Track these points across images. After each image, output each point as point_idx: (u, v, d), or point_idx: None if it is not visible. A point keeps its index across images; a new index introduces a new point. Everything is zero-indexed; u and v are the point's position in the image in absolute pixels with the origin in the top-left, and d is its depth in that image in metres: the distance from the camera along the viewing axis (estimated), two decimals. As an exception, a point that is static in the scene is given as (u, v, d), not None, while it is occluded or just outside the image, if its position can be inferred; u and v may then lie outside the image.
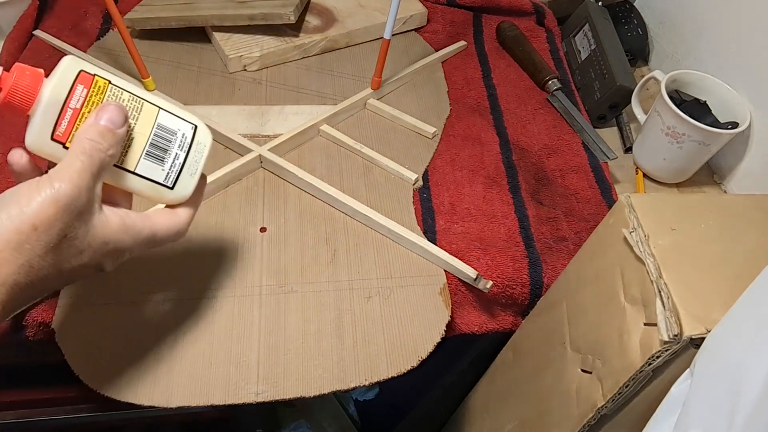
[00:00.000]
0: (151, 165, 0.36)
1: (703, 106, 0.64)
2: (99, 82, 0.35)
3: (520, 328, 0.56)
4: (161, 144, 0.37)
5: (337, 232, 0.55)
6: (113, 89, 0.35)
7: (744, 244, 0.39)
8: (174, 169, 0.37)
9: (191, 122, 0.38)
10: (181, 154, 0.37)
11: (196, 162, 0.38)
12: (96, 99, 0.34)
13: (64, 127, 0.34)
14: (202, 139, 0.38)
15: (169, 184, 0.37)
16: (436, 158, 0.63)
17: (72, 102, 0.34)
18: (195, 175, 0.38)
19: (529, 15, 0.83)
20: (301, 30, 0.74)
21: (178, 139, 0.37)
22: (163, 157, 0.37)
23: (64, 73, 0.34)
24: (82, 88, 0.34)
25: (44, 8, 0.76)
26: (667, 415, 0.34)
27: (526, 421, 0.53)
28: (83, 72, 0.34)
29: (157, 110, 0.37)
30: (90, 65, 0.35)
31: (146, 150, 0.36)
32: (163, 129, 0.37)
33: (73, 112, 0.34)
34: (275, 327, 0.49)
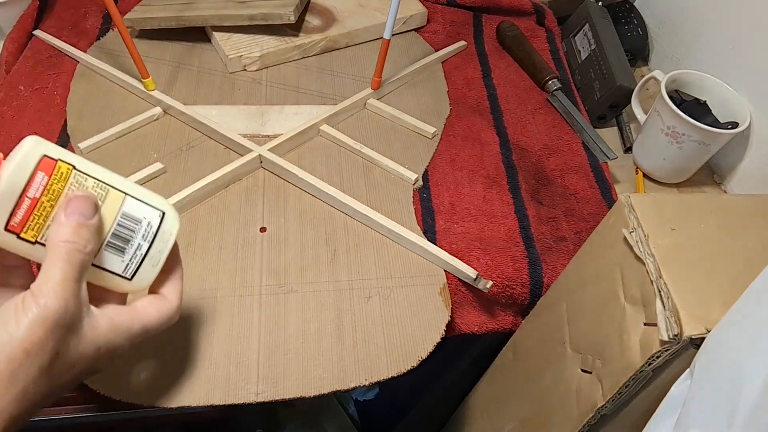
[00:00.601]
0: (110, 256, 0.34)
1: (703, 106, 0.64)
2: (62, 168, 0.32)
3: (520, 328, 0.56)
4: (123, 234, 0.34)
5: (337, 232, 0.55)
6: (77, 176, 0.32)
7: (744, 244, 0.39)
8: (135, 260, 0.35)
9: (159, 209, 0.36)
10: (144, 245, 0.35)
11: (159, 252, 0.35)
12: (57, 187, 0.32)
13: (20, 217, 0.31)
14: (168, 228, 0.36)
15: (128, 275, 0.35)
16: (436, 158, 0.63)
17: (30, 191, 0.31)
18: (157, 266, 0.36)
19: (529, 15, 0.83)
20: (301, 30, 0.74)
21: (143, 229, 0.35)
22: (124, 248, 0.34)
23: (24, 159, 0.31)
24: (43, 175, 0.31)
25: (44, 8, 0.76)
26: (667, 415, 0.34)
27: (526, 421, 0.53)
28: (46, 157, 0.31)
29: (122, 197, 0.34)
30: (54, 148, 0.32)
31: (107, 241, 0.34)
32: (128, 217, 0.34)
33: (31, 202, 0.31)
34: (275, 327, 0.49)
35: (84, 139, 0.60)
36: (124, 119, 0.62)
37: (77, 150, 0.60)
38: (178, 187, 0.56)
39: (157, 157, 0.60)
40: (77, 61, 0.70)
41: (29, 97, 0.65)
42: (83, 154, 0.59)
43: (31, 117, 0.62)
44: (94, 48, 0.71)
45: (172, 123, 0.64)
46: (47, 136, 0.61)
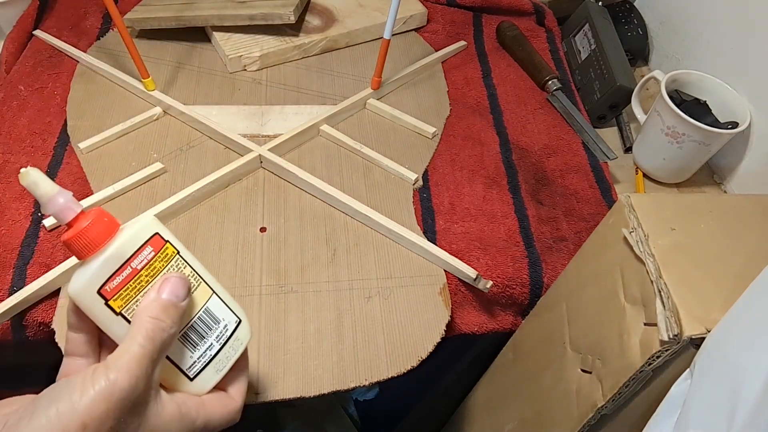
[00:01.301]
0: (181, 348, 0.33)
1: (703, 106, 0.64)
2: (168, 250, 0.33)
3: (520, 328, 0.56)
4: (201, 330, 0.34)
5: (337, 232, 0.55)
6: (178, 261, 0.33)
7: (744, 244, 0.39)
8: (203, 359, 0.34)
9: (237, 315, 0.36)
10: (216, 346, 0.34)
11: (227, 358, 0.35)
12: (159, 265, 0.32)
13: (116, 284, 0.31)
14: (241, 336, 0.36)
15: (191, 375, 0.34)
16: (436, 158, 0.63)
17: (135, 261, 0.31)
18: (220, 373, 0.35)
19: (529, 15, 0.83)
20: (301, 30, 0.74)
21: (219, 329, 0.35)
22: (197, 344, 0.34)
23: (140, 230, 0.32)
24: (151, 250, 0.32)
25: (44, 8, 0.76)
26: (667, 415, 0.34)
27: (526, 421, 0.53)
28: (158, 235, 0.32)
29: (210, 293, 0.34)
30: (166, 231, 0.33)
31: (184, 332, 0.33)
32: (209, 314, 0.34)
33: (131, 272, 0.31)
34: (275, 327, 0.49)
35: (84, 139, 0.60)
36: (124, 119, 0.62)
37: (77, 150, 0.60)
38: (178, 187, 0.56)
39: (157, 157, 0.60)
40: (77, 61, 0.70)
41: (29, 97, 0.65)
42: (83, 154, 0.59)
43: (31, 117, 0.62)
44: (94, 48, 0.71)
45: (172, 123, 0.64)
46: (47, 136, 0.61)
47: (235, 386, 0.36)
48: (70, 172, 0.58)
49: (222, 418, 0.34)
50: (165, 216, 0.54)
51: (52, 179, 0.32)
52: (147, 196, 0.57)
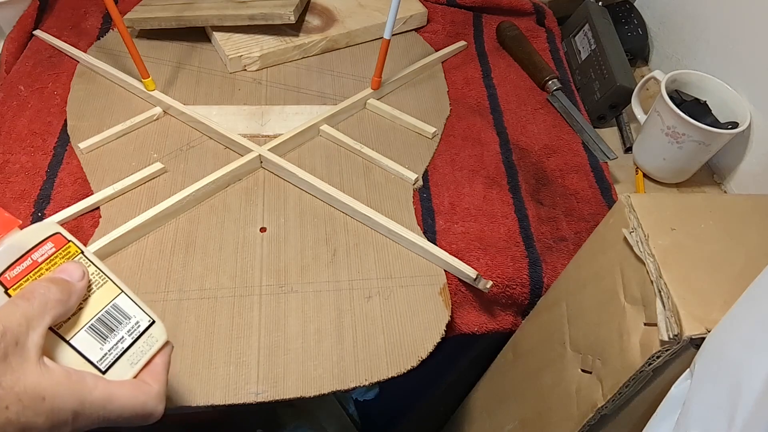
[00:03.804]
0: (89, 339, 0.33)
1: (703, 106, 0.64)
2: (71, 248, 0.34)
3: (520, 328, 0.56)
4: (109, 322, 0.34)
5: (337, 232, 0.55)
6: (82, 258, 0.34)
7: (744, 244, 0.39)
8: (114, 352, 0.33)
9: (150, 316, 0.36)
10: (128, 339, 0.34)
11: (141, 352, 0.34)
12: (60, 261, 0.33)
13: (16, 273, 0.31)
14: (155, 333, 0.35)
15: (102, 367, 0.32)
16: (436, 158, 0.63)
17: (35, 254, 0.32)
18: (135, 366, 0.34)
19: (529, 15, 0.83)
20: (301, 30, 0.74)
21: (130, 324, 0.34)
22: (106, 336, 0.33)
23: (39, 228, 0.33)
24: (51, 246, 0.33)
25: (44, 8, 0.76)
26: (667, 415, 0.34)
27: (526, 421, 0.53)
28: (59, 234, 0.34)
29: (118, 292, 0.35)
30: (69, 234, 0.34)
31: (91, 323, 0.33)
32: (117, 309, 0.34)
33: (32, 264, 0.32)
34: (275, 327, 0.49)
35: (84, 139, 0.60)
36: (124, 119, 0.62)
37: (77, 150, 0.60)
38: (178, 187, 0.56)
39: (157, 157, 0.60)
40: (77, 61, 0.70)
41: (29, 97, 0.65)
42: (83, 154, 0.59)
43: (31, 117, 0.62)
44: (94, 48, 0.71)
45: (172, 123, 0.64)
46: (47, 136, 0.61)
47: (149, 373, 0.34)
48: (70, 172, 0.58)
49: (133, 397, 0.31)
50: (165, 216, 0.54)
51: (53, 179, 0.33)
52: (147, 196, 0.57)
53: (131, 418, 0.31)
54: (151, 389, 0.33)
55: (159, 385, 0.33)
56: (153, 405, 0.32)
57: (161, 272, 0.51)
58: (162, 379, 0.34)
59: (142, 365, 0.34)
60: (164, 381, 0.34)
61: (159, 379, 0.34)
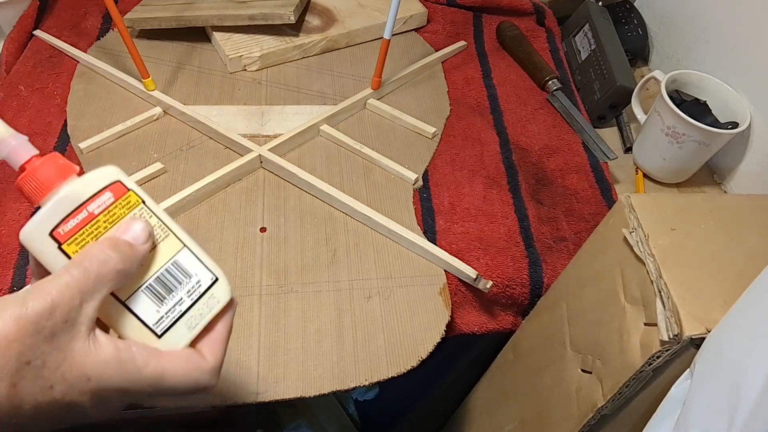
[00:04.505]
0: (146, 301, 0.30)
1: (703, 106, 0.64)
2: (131, 198, 0.30)
3: (520, 328, 0.56)
4: (168, 282, 0.31)
5: (337, 232, 0.55)
6: (143, 210, 0.31)
7: (744, 244, 0.39)
8: (171, 314, 0.31)
9: (213, 273, 0.33)
10: (187, 301, 0.31)
11: (200, 316, 0.32)
12: (120, 212, 0.30)
13: (70, 226, 0.28)
14: (217, 294, 0.33)
15: (158, 331, 0.30)
16: (436, 158, 0.63)
17: (92, 205, 0.29)
18: (193, 330, 0.31)
19: (529, 15, 0.83)
20: (301, 30, 0.74)
21: (190, 284, 0.32)
22: (164, 297, 0.31)
23: (98, 175, 0.30)
24: (110, 195, 0.30)
25: (44, 8, 0.76)
26: (667, 415, 0.34)
27: (526, 421, 0.53)
28: (119, 182, 0.30)
29: (180, 246, 0.32)
30: (132, 182, 0.31)
31: (148, 283, 0.31)
32: (178, 267, 0.32)
33: (88, 216, 0.29)
34: (275, 327, 0.49)
35: (84, 139, 0.60)
36: (124, 119, 0.62)
37: (77, 150, 0.60)
38: (178, 187, 0.56)
39: (157, 157, 0.60)
40: (77, 61, 0.70)
41: (29, 97, 0.65)
42: (83, 154, 0.59)
43: (31, 117, 0.63)
44: (94, 48, 0.71)
45: (172, 123, 0.64)
46: (47, 136, 0.61)
47: (208, 345, 0.32)
48: (70, 172, 0.58)
49: (186, 375, 0.29)
50: (165, 216, 0.54)
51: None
52: (147, 196, 0.57)
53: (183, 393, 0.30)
54: (205, 364, 0.30)
55: (215, 358, 0.31)
56: (206, 381, 0.30)
57: (161, 272, 0.51)
58: (220, 352, 0.32)
59: (200, 329, 0.32)
60: (222, 353, 0.32)
61: (216, 351, 0.31)
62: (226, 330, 0.33)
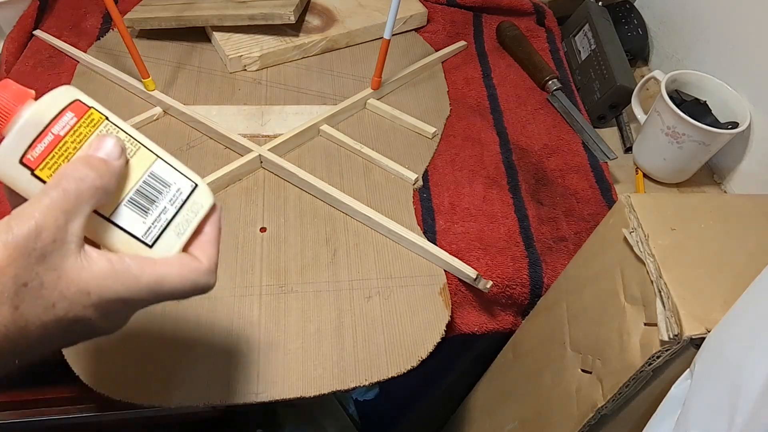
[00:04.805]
0: (131, 214, 0.31)
1: (703, 106, 0.64)
2: (94, 115, 0.31)
3: (520, 328, 0.56)
4: (149, 193, 0.31)
5: (337, 232, 0.55)
6: (108, 126, 0.31)
7: (744, 244, 0.39)
8: (158, 224, 0.31)
9: (192, 180, 0.33)
10: (171, 209, 0.32)
11: (187, 221, 0.32)
12: (86, 131, 0.30)
13: (39, 151, 0.28)
14: (200, 200, 0.33)
15: (148, 241, 0.31)
16: (436, 158, 0.63)
17: (55, 127, 0.29)
18: (182, 236, 0.32)
19: (529, 15, 0.83)
20: (301, 30, 0.74)
21: (171, 193, 0.32)
22: (148, 208, 0.31)
23: (54, 96, 0.30)
24: (72, 116, 0.30)
25: (44, 8, 0.76)
26: (667, 415, 0.34)
27: (526, 421, 0.53)
28: (78, 101, 0.30)
29: (153, 158, 0.32)
30: (89, 98, 0.31)
31: (129, 196, 0.31)
32: (156, 178, 0.32)
33: (54, 138, 0.29)
34: (275, 327, 0.49)
35: (84, 139, 0.60)
36: (124, 119, 0.61)
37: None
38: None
39: (157, 157, 0.60)
40: (77, 61, 0.70)
41: (29, 97, 0.64)
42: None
43: (31, 117, 0.62)
44: (94, 48, 0.71)
45: (172, 123, 0.64)
46: (47, 136, 0.61)
47: (200, 247, 0.32)
48: (70, 172, 0.58)
49: (183, 277, 0.30)
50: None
51: None
52: (147, 196, 0.57)
53: (185, 296, 0.31)
54: (200, 265, 0.31)
55: (209, 259, 0.32)
56: (204, 281, 0.31)
57: (161, 272, 0.51)
58: (212, 251, 0.32)
59: (189, 234, 0.32)
60: (215, 253, 0.32)
61: (208, 251, 0.32)
62: (215, 232, 0.33)
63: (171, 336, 0.47)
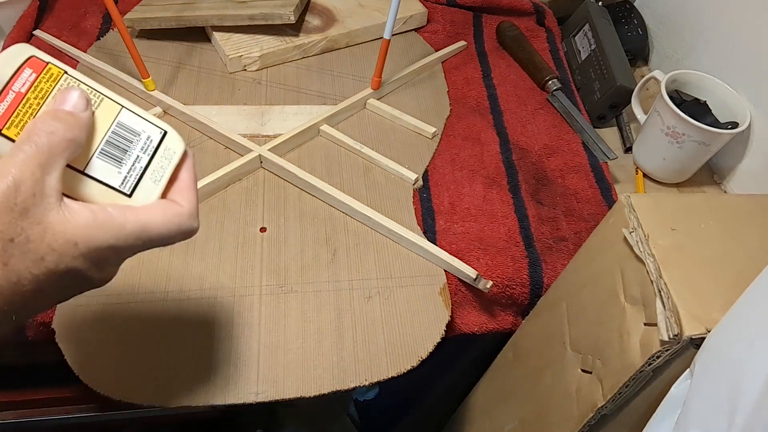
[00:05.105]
0: (105, 165, 0.31)
1: (703, 106, 0.64)
2: (52, 70, 0.30)
3: (520, 328, 0.56)
4: (120, 143, 0.32)
5: (337, 232, 0.55)
6: (68, 79, 0.31)
7: (744, 244, 0.39)
8: (133, 173, 0.31)
9: (160, 127, 0.33)
10: (144, 157, 0.32)
11: (162, 168, 0.32)
12: (46, 86, 0.30)
13: (2, 110, 0.29)
14: (171, 146, 0.33)
15: (126, 191, 0.31)
16: (436, 158, 0.63)
17: (15, 85, 0.29)
18: (159, 182, 0.32)
19: (529, 15, 0.83)
20: (301, 30, 0.74)
21: (141, 141, 0.32)
22: (121, 158, 0.31)
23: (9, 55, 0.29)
24: (31, 72, 0.30)
25: (44, 8, 0.76)
26: (667, 415, 0.34)
27: (526, 421, 0.53)
28: (35, 57, 0.30)
29: (119, 108, 0.32)
30: (45, 55, 0.31)
31: (100, 148, 0.31)
32: (124, 127, 0.32)
33: (16, 96, 0.29)
34: (275, 327, 0.49)
35: (84, 139, 0.60)
36: (124, 119, 0.62)
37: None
38: (178, 187, 0.56)
39: (157, 157, 0.60)
40: (77, 61, 0.70)
41: (29, 97, 0.64)
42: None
43: (31, 117, 0.62)
44: (94, 48, 0.71)
45: (172, 123, 0.64)
46: (47, 136, 0.61)
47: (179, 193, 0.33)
48: (70, 172, 0.58)
49: (167, 221, 0.31)
50: (165, 216, 0.54)
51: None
52: (147, 196, 0.57)
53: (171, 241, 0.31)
54: (182, 210, 0.32)
55: (188, 202, 0.32)
56: (188, 224, 0.32)
57: (161, 272, 0.51)
58: (191, 195, 0.33)
59: (166, 180, 0.33)
60: (194, 196, 0.33)
61: (188, 195, 0.33)
62: (190, 177, 0.34)
63: (171, 336, 0.47)
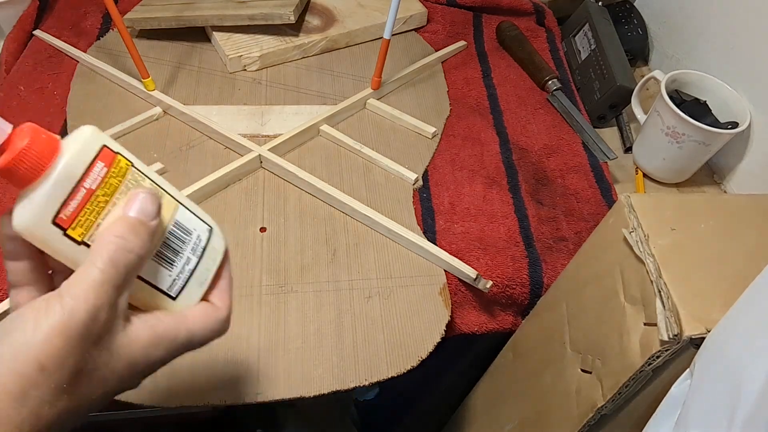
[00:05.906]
0: (157, 268, 0.30)
1: (703, 106, 0.64)
2: (121, 163, 0.28)
3: (520, 328, 0.56)
4: (174, 244, 0.30)
5: (337, 232, 0.55)
6: (135, 174, 0.29)
7: (744, 244, 0.39)
8: (183, 276, 0.31)
9: (207, 223, 0.32)
10: (193, 259, 0.31)
11: (207, 270, 0.32)
12: (114, 182, 0.28)
13: (72, 209, 0.26)
14: (216, 245, 0.32)
15: (173, 294, 0.30)
16: (436, 158, 0.63)
17: (87, 181, 0.27)
18: (203, 285, 0.32)
19: (529, 15, 0.83)
20: (301, 30, 0.74)
21: (192, 241, 0.31)
22: (173, 260, 0.30)
23: (85, 145, 0.27)
24: (102, 166, 0.27)
25: (44, 8, 0.76)
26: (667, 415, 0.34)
27: (526, 421, 0.53)
28: (106, 147, 0.28)
29: (176, 205, 0.31)
30: (112, 141, 0.29)
31: (157, 250, 0.30)
32: (180, 227, 0.31)
33: (86, 193, 0.27)
34: (275, 327, 0.49)
35: (84, 139, 0.60)
36: (124, 119, 0.62)
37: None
38: (179, 187, 0.56)
39: (157, 157, 0.60)
40: (77, 61, 0.70)
41: (29, 97, 0.65)
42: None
43: (31, 117, 0.62)
44: (94, 48, 0.71)
45: (172, 123, 0.64)
46: (47, 136, 0.61)
47: (218, 295, 0.33)
48: (70, 172, 0.58)
49: (207, 327, 0.31)
50: (165, 216, 0.54)
51: None
52: (147, 196, 0.56)
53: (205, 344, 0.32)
54: (221, 314, 0.32)
55: (226, 306, 0.32)
56: (225, 328, 0.32)
57: (161, 272, 0.51)
58: (228, 299, 0.33)
59: (209, 283, 0.32)
60: (230, 299, 0.33)
61: (226, 299, 0.33)
62: (228, 278, 0.34)
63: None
